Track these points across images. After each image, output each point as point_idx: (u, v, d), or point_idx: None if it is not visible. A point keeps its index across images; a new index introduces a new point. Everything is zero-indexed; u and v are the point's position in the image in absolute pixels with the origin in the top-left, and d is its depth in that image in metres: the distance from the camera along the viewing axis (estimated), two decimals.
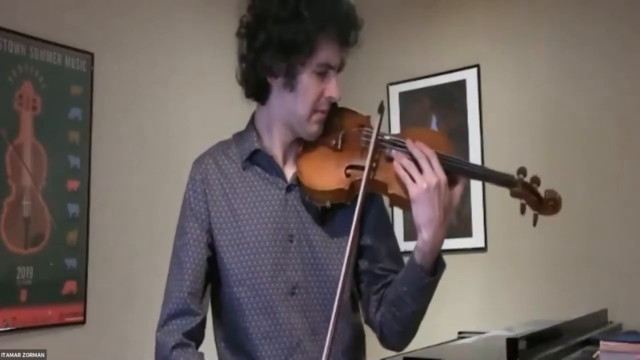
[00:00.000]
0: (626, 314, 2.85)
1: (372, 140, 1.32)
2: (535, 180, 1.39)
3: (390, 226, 1.50)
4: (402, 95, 3.63)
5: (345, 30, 1.33)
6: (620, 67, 3.03)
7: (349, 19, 1.34)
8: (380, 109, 1.37)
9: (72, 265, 2.68)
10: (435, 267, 1.33)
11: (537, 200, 1.39)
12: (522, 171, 1.38)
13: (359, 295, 1.46)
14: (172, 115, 3.17)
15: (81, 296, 2.70)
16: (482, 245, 3.29)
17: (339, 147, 1.38)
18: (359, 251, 1.42)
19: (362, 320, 1.48)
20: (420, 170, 1.28)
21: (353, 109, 1.45)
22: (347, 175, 1.34)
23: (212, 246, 1.41)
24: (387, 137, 1.36)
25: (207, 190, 1.41)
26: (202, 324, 1.40)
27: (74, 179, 2.72)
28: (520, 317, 2.92)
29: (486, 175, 1.40)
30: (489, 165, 3.30)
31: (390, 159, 1.34)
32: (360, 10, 1.37)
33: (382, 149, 1.34)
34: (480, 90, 3.39)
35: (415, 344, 2.46)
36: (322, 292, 1.37)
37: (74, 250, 2.69)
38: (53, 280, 2.62)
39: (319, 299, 1.37)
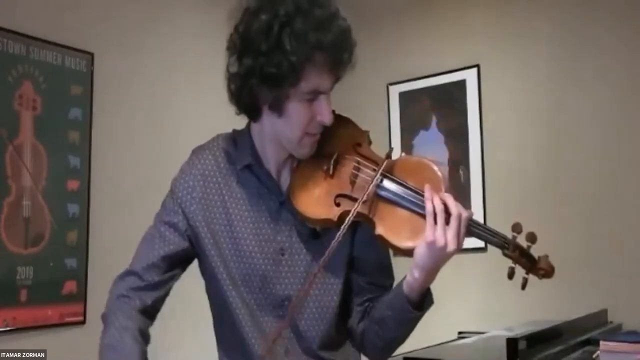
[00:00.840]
0: (626, 314, 2.85)
1: (371, 186, 1.29)
2: (531, 238, 1.32)
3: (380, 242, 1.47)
4: (402, 95, 3.63)
5: (335, 56, 1.26)
6: (620, 66, 3.03)
7: (339, 45, 1.26)
8: (388, 155, 1.33)
9: (72, 265, 2.68)
10: (423, 302, 1.32)
11: (528, 263, 1.33)
12: (517, 228, 1.31)
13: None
14: (172, 115, 3.17)
15: (81, 296, 2.70)
16: (482, 245, 3.27)
17: (331, 172, 1.34)
18: (350, 262, 1.40)
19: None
20: (447, 221, 1.24)
21: (352, 119, 1.41)
22: (337, 205, 1.32)
23: (193, 240, 1.40)
24: (399, 181, 1.31)
25: (202, 187, 1.40)
26: (156, 287, 1.39)
27: (74, 179, 2.72)
28: (520, 317, 2.93)
29: (484, 235, 1.33)
30: (489, 164, 3.33)
31: (381, 197, 1.31)
32: (361, 10, 1.36)
33: (377, 188, 1.31)
34: (480, 90, 3.39)
35: (415, 344, 2.47)
36: (313, 307, 1.37)
37: (74, 250, 2.69)
38: (53, 280, 2.62)
39: (309, 313, 1.37)
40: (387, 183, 1.31)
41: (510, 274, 1.33)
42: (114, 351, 1.29)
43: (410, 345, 1.47)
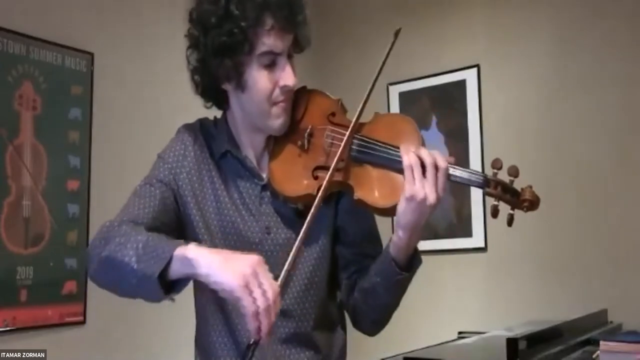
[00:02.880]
0: (626, 314, 2.85)
1: (343, 144, 1.28)
2: (513, 172, 1.25)
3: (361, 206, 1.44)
4: (402, 95, 3.63)
5: (283, 16, 1.28)
6: (620, 66, 3.03)
7: (286, 5, 1.28)
8: (396, 34, 1.34)
9: (72, 265, 2.68)
10: (411, 263, 1.30)
11: (512, 198, 1.26)
12: (496, 165, 1.26)
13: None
14: (173, 114, 3.16)
15: (81, 296, 2.70)
16: (482, 245, 3.29)
17: (306, 147, 1.34)
18: (334, 234, 1.40)
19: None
20: (424, 174, 1.21)
21: (324, 91, 1.41)
22: (315, 178, 1.31)
23: (180, 208, 1.38)
24: (367, 139, 1.30)
25: (193, 158, 1.40)
26: (150, 229, 1.33)
27: (74, 179, 2.72)
28: (520, 317, 2.93)
29: (464, 179, 1.27)
30: (489, 164, 3.31)
31: (356, 160, 1.30)
32: (361, 10, 1.36)
33: (351, 151, 1.30)
34: (480, 90, 3.39)
35: (415, 344, 2.47)
36: (298, 285, 1.37)
37: (74, 250, 2.69)
38: (53, 280, 2.62)
39: (294, 292, 1.37)
40: (360, 145, 1.30)
41: (494, 213, 1.26)
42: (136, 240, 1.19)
43: (410, 345, 1.47)
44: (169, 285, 1.18)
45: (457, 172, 1.26)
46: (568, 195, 3.10)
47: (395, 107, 3.64)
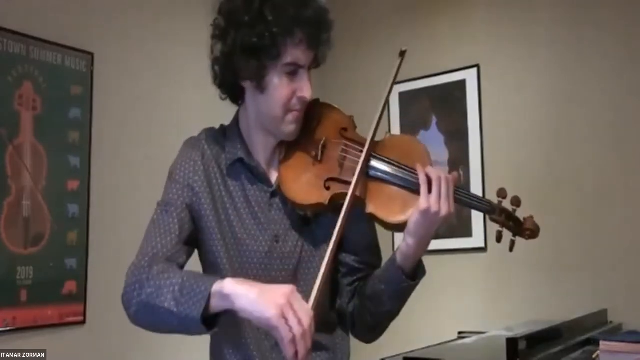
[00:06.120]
0: (626, 314, 2.85)
1: (361, 161, 1.32)
2: (515, 202, 1.37)
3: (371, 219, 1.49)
4: (402, 95, 3.63)
5: (312, 33, 1.32)
6: (621, 67, 3.03)
7: (316, 23, 1.33)
8: (401, 54, 1.42)
9: (72, 265, 2.68)
10: (416, 271, 1.35)
11: (515, 226, 1.38)
12: (502, 194, 1.37)
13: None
14: (173, 115, 3.17)
15: (81, 296, 2.70)
16: (482, 245, 3.29)
17: (319, 158, 1.38)
18: (339, 242, 1.42)
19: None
20: (437, 189, 1.29)
21: (336, 106, 1.46)
22: (327, 188, 1.35)
23: (196, 222, 1.39)
24: (380, 157, 1.36)
25: (204, 171, 1.41)
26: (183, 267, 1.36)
27: (74, 179, 2.72)
28: (520, 317, 2.93)
29: (471, 203, 1.39)
30: (489, 164, 3.33)
31: (370, 176, 1.34)
32: (361, 10, 1.37)
33: (366, 168, 1.35)
34: (480, 90, 3.39)
35: (415, 344, 2.47)
36: (306, 291, 1.37)
37: (74, 250, 2.69)
38: (53, 280, 2.62)
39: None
40: (375, 162, 1.36)
41: (498, 238, 1.38)
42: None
43: (410, 345, 1.48)
44: (209, 319, 1.21)
45: (466, 197, 1.35)
46: (568, 195, 3.10)
47: (395, 107, 3.64)
